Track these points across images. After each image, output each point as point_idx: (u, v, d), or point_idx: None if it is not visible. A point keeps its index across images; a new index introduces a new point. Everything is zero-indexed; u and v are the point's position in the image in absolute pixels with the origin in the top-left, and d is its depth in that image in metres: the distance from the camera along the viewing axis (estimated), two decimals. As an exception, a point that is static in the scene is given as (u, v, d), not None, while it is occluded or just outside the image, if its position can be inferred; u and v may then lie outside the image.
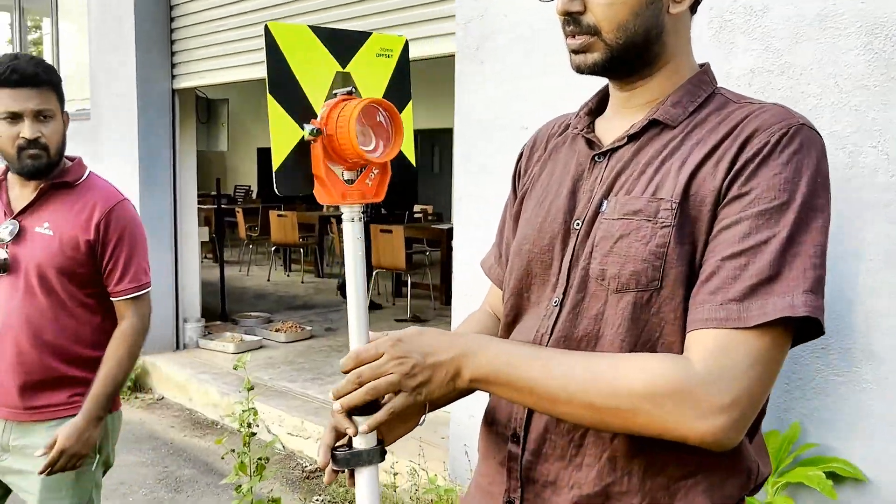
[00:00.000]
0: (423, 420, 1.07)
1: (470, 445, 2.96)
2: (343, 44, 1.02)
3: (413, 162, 1.07)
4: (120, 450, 4.16)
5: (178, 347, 5.65)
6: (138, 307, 1.98)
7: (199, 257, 5.96)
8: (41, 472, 1.85)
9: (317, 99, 1.00)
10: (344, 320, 6.83)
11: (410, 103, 1.08)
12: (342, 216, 1.01)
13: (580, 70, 1.00)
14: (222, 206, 8.30)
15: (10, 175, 1.95)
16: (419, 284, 7.58)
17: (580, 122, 1.10)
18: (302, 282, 9.07)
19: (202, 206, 8.65)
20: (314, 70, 1.00)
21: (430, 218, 9.32)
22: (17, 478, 1.94)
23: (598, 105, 1.11)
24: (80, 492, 1.93)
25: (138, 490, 3.69)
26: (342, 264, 8.46)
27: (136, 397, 5.12)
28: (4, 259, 1.86)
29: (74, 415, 1.88)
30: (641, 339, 0.92)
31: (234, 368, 2.54)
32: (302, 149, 0.98)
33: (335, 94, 1.00)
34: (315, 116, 0.98)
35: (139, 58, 5.31)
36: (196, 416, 4.78)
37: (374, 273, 7.22)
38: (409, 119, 1.08)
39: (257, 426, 2.70)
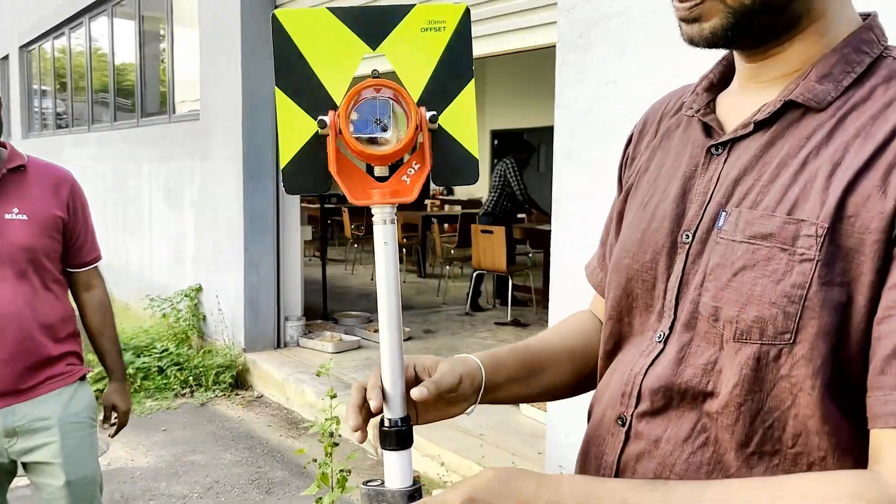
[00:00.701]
0: (472, 410, 0.91)
1: (566, 467, 2.73)
2: (374, 22, 0.87)
3: (474, 153, 0.89)
4: (216, 448, 4.22)
5: (278, 345, 5.69)
6: (99, 274, 2.17)
7: (301, 256, 6.00)
8: (112, 436, 2.21)
9: (338, 88, 0.86)
10: (443, 322, 6.77)
11: (472, 83, 0.90)
12: (372, 218, 0.85)
13: (694, 42, 0.77)
14: (328, 205, 8.38)
15: None
16: (521, 287, 7.36)
17: (696, 100, 0.85)
18: (404, 282, 9.03)
19: (308, 206, 8.79)
20: (335, 56, 0.86)
21: (533, 218, 9.09)
22: (37, 454, 1.97)
23: (723, 77, 0.86)
24: (94, 449, 2.10)
25: (231, 490, 3.68)
26: (444, 262, 8.36)
27: (237, 394, 5.19)
28: None
29: (75, 382, 2.04)
30: (767, 406, 0.68)
31: (317, 374, 2.43)
32: (316, 144, 0.85)
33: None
34: (336, 107, 0.85)
35: (245, 59, 5.38)
36: (293, 416, 4.77)
37: (474, 273, 7.07)
38: (471, 101, 0.91)
39: (339, 435, 2.58)
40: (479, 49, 3.78)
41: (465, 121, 0.90)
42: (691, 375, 0.73)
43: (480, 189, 11.56)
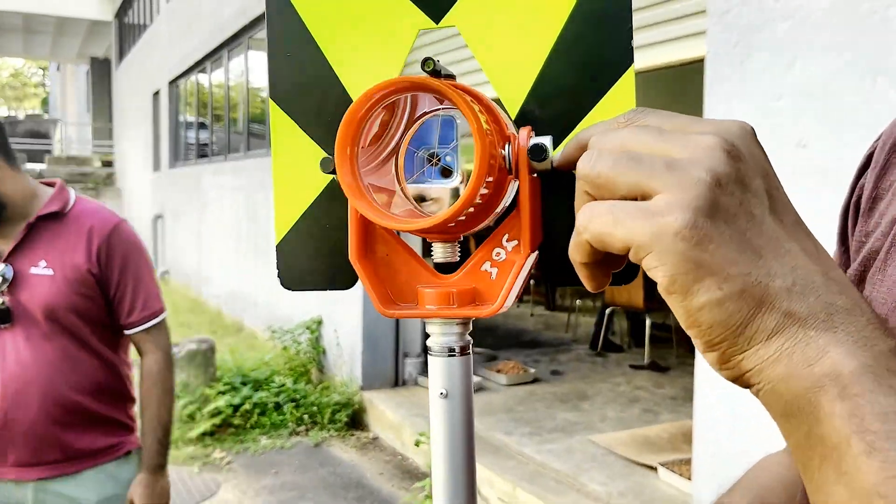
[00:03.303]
0: None
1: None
2: None
3: None
4: (325, 496, 3.98)
5: (396, 383, 5.44)
6: (156, 338, 1.80)
7: (421, 289, 5.74)
8: None
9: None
10: (572, 363, 6.29)
11: (630, 72, 0.47)
12: (427, 340, 0.49)
13: None
14: (453, 234, 8.15)
15: None
16: (660, 325, 6.74)
17: None
18: (531, 314, 8.61)
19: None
20: (370, 40, 0.50)
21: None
22: None
23: None
24: None
25: (335, 549, 3.41)
26: (574, 294, 7.86)
27: (352, 434, 4.96)
28: (4, 308, 1.65)
29: (118, 458, 1.77)
30: None
31: (416, 444, 2.09)
32: (334, 202, 0.51)
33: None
34: None
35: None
36: (407, 464, 4.47)
37: (606, 311, 6.54)
38: (631, 99, 0.47)
39: None
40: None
41: None
42: None
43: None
